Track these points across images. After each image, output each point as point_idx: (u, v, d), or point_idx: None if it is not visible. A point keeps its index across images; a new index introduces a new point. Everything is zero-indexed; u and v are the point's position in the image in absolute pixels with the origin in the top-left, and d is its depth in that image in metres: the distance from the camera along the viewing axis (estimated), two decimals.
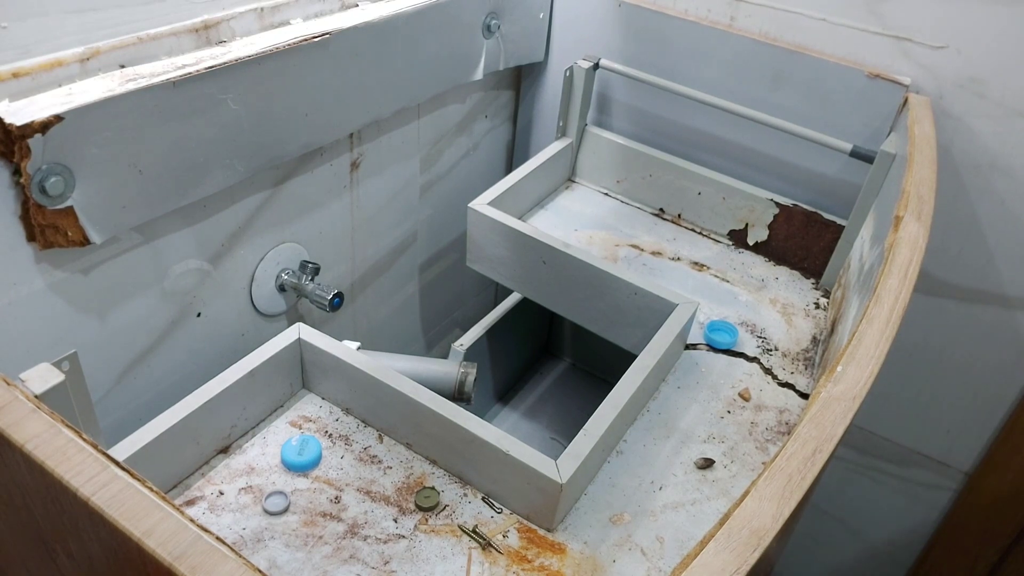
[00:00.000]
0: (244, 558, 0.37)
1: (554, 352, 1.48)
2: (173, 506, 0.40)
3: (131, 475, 0.40)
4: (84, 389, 0.61)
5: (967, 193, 1.10)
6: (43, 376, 0.55)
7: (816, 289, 1.15)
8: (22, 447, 0.42)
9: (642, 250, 1.19)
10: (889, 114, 1.07)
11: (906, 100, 1.04)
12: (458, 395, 0.96)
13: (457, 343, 1.12)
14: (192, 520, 0.39)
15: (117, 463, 0.41)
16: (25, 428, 0.43)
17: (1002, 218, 1.10)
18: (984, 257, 1.14)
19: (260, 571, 0.37)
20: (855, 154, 1.07)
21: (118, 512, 0.39)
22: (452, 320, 1.54)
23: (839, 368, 0.58)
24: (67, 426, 0.43)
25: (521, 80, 1.40)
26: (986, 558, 1.37)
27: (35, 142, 0.68)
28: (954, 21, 1.01)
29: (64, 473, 0.41)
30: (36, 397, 0.48)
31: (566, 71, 1.23)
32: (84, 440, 0.42)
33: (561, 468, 0.71)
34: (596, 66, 1.22)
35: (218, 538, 0.38)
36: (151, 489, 0.40)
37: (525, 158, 1.25)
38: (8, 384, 0.45)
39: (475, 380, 0.97)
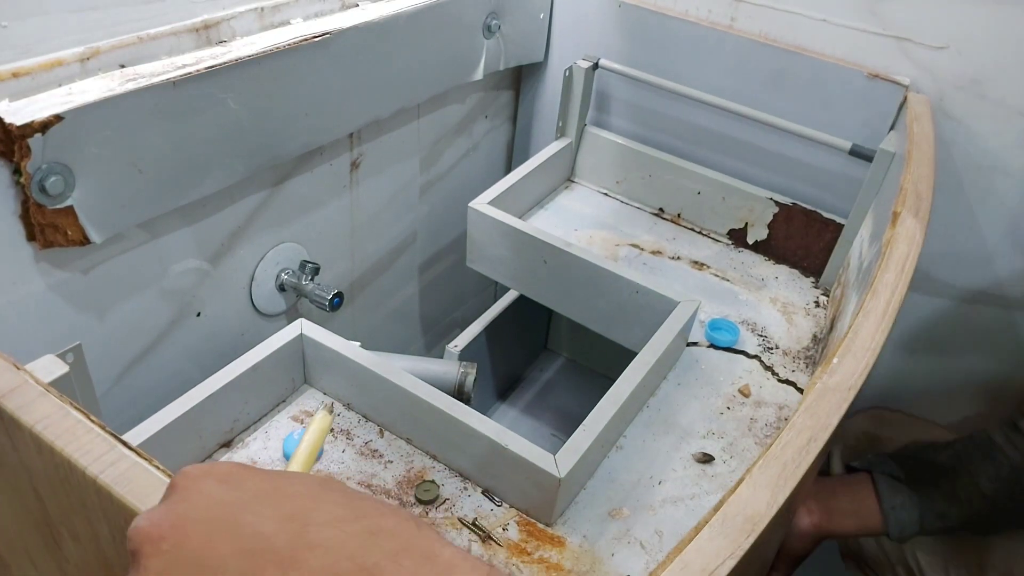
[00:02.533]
0: None
1: (554, 348, 1.48)
2: None
3: (138, 454, 0.41)
4: (88, 380, 0.62)
5: (967, 194, 1.10)
6: (47, 368, 0.55)
7: (816, 288, 1.15)
8: (31, 428, 0.43)
9: (642, 249, 1.19)
10: (889, 114, 1.07)
11: (905, 99, 1.04)
12: (458, 395, 0.97)
13: (451, 344, 1.12)
14: None
15: (125, 443, 0.42)
16: (34, 410, 0.44)
17: (1003, 219, 1.10)
18: (984, 258, 1.14)
19: None
20: (854, 152, 1.07)
21: (126, 489, 0.40)
22: (452, 320, 1.54)
23: (835, 360, 0.58)
24: (75, 408, 0.43)
25: (521, 80, 1.41)
26: None
27: (35, 142, 0.68)
28: (955, 22, 1.01)
29: (73, 452, 0.42)
30: None
31: (565, 71, 1.23)
32: (92, 421, 0.43)
33: (559, 462, 0.72)
34: (595, 66, 1.23)
35: None
36: (158, 468, 0.41)
37: (525, 158, 1.26)
38: (17, 368, 0.46)
39: (475, 380, 0.97)
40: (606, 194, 1.31)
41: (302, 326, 0.84)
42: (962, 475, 0.93)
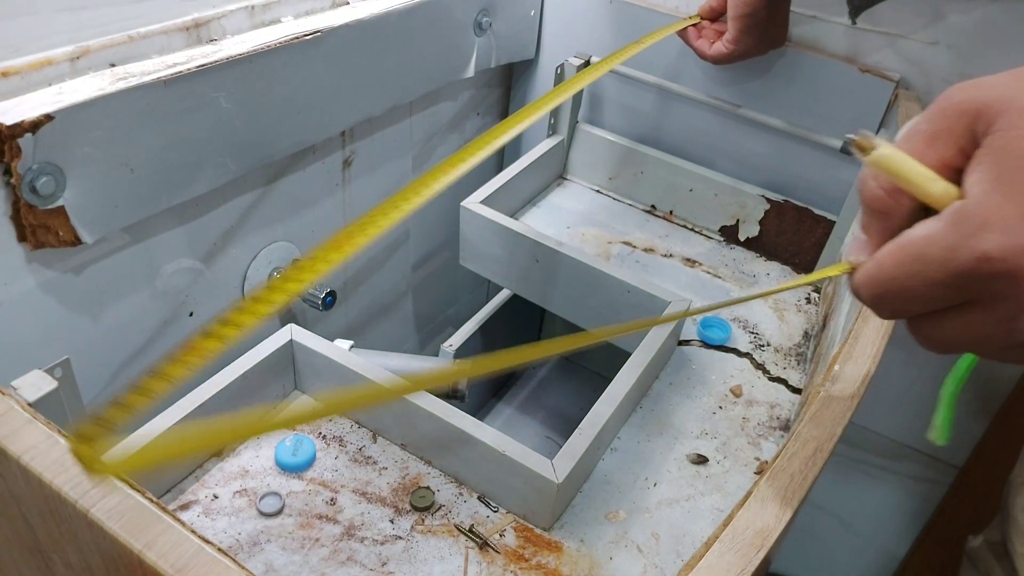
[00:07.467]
0: (247, 569, 0.37)
1: None
2: (174, 517, 0.39)
3: (131, 486, 0.40)
4: (77, 395, 0.61)
5: None
6: (36, 384, 0.54)
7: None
8: (19, 459, 0.41)
9: (634, 247, 1.19)
10: (879, 110, 1.07)
11: (896, 96, 1.04)
12: (452, 393, 0.96)
13: (446, 344, 1.12)
14: (193, 531, 0.39)
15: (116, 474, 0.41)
16: (22, 439, 0.42)
17: None
18: None
19: None
20: (845, 150, 1.07)
21: (118, 524, 0.39)
22: (445, 319, 1.53)
23: (836, 367, 0.58)
24: (64, 436, 0.42)
25: (512, 78, 1.40)
26: None
27: (25, 142, 0.67)
28: (945, 17, 1.01)
29: (62, 485, 0.40)
30: (30, 405, 0.48)
31: (557, 68, 1.23)
32: None
33: (557, 467, 0.72)
34: (587, 63, 1.22)
35: (220, 549, 0.38)
36: (151, 500, 0.40)
37: (516, 156, 1.25)
38: (3, 394, 0.45)
39: (469, 379, 0.97)
40: (598, 191, 1.31)
41: (292, 332, 0.83)
42: None
